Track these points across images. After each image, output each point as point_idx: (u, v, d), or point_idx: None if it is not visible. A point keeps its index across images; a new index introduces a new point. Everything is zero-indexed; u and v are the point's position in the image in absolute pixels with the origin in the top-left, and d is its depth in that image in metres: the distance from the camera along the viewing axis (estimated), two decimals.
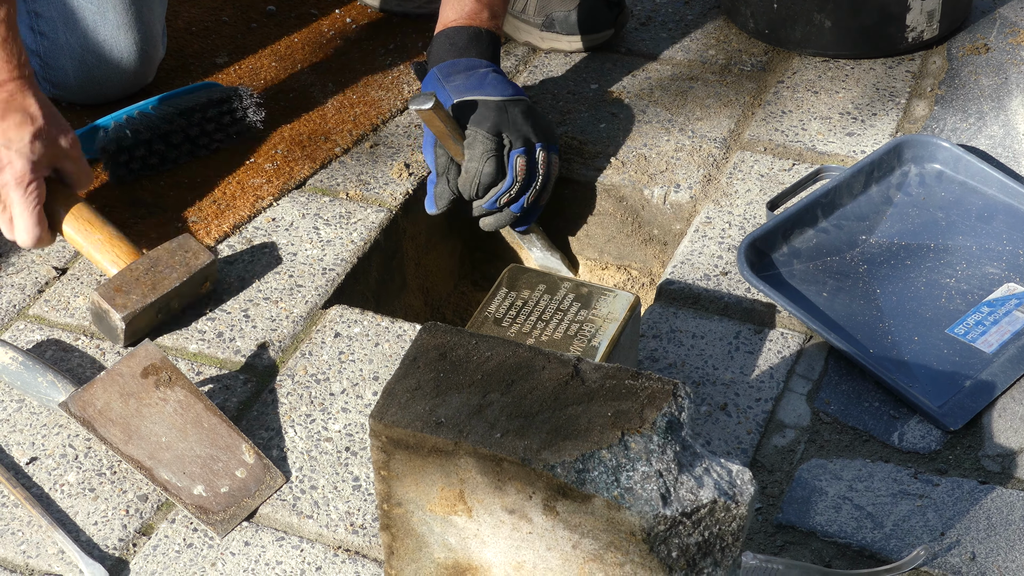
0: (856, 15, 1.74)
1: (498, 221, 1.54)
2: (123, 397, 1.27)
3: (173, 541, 1.19)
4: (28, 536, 1.20)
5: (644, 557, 0.93)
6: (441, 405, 0.97)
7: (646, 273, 1.68)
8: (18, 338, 1.40)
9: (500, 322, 1.23)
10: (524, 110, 1.50)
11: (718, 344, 1.36)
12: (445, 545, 1.02)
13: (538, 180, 1.51)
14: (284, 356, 1.37)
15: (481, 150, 1.47)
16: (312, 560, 1.16)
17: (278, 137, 1.67)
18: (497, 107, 1.48)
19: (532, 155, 1.50)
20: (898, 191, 1.52)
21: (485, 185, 1.49)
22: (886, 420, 1.27)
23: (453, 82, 1.51)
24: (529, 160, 1.50)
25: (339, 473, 1.24)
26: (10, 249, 1.52)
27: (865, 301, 1.39)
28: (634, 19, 1.90)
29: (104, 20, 1.66)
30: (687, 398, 0.97)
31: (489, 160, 1.47)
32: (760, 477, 1.22)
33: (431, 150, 1.51)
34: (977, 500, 1.18)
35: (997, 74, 1.73)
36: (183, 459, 1.24)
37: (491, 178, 1.48)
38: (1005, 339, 1.34)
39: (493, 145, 1.47)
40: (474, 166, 1.47)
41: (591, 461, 0.93)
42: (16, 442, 1.29)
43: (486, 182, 1.48)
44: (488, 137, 1.47)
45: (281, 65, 1.81)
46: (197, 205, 1.56)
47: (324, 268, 1.48)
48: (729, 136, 1.65)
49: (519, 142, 1.48)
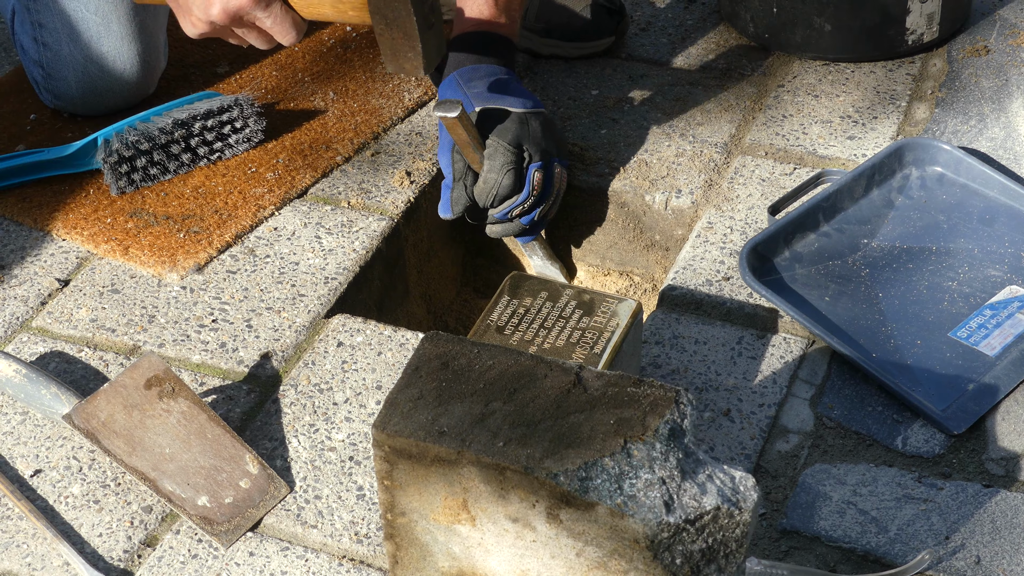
0: (856, 18, 1.74)
1: (505, 230, 1.54)
2: (127, 409, 1.27)
3: (178, 552, 1.19)
4: (33, 548, 1.20)
5: (648, 564, 0.93)
6: (444, 414, 0.97)
7: (648, 279, 1.68)
8: (21, 350, 1.40)
9: (503, 330, 1.23)
10: (543, 123, 1.50)
11: (721, 350, 1.36)
12: (449, 554, 1.02)
13: (552, 194, 1.52)
14: (287, 366, 1.37)
15: (501, 161, 1.47)
16: (316, 570, 1.17)
17: (279, 146, 1.67)
18: (519, 119, 1.48)
19: (549, 169, 1.50)
20: (899, 194, 1.52)
21: (502, 196, 1.49)
22: (889, 424, 1.27)
23: (474, 88, 1.51)
24: (546, 174, 1.50)
25: (343, 483, 1.24)
26: (12, 261, 1.52)
27: (867, 305, 1.39)
28: (634, 24, 1.90)
29: (108, 31, 1.66)
30: (689, 405, 0.97)
31: (508, 172, 1.47)
32: (764, 483, 1.22)
33: (448, 155, 1.51)
34: (981, 504, 1.18)
35: (997, 76, 1.73)
36: (187, 470, 1.24)
37: (509, 190, 1.48)
38: (1008, 342, 1.33)
39: (513, 157, 1.47)
40: (493, 177, 1.47)
41: (594, 469, 0.93)
42: (20, 454, 1.29)
43: (503, 193, 1.48)
44: (509, 149, 1.47)
45: (282, 74, 1.82)
46: (199, 215, 1.56)
47: (326, 277, 1.48)
48: (730, 141, 1.65)
49: (538, 156, 1.49)
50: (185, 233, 1.54)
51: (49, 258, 1.53)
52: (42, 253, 1.54)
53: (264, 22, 1.33)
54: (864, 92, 1.72)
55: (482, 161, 1.48)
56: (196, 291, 1.47)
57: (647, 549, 0.92)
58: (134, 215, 1.57)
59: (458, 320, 1.73)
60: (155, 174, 1.61)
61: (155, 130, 1.60)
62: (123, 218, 1.57)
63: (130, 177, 1.59)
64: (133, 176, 1.59)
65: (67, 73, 1.68)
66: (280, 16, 1.32)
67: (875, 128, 1.65)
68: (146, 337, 1.42)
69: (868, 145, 1.63)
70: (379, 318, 1.51)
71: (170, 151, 1.61)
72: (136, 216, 1.57)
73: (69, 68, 1.68)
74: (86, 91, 1.69)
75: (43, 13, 1.66)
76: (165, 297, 1.46)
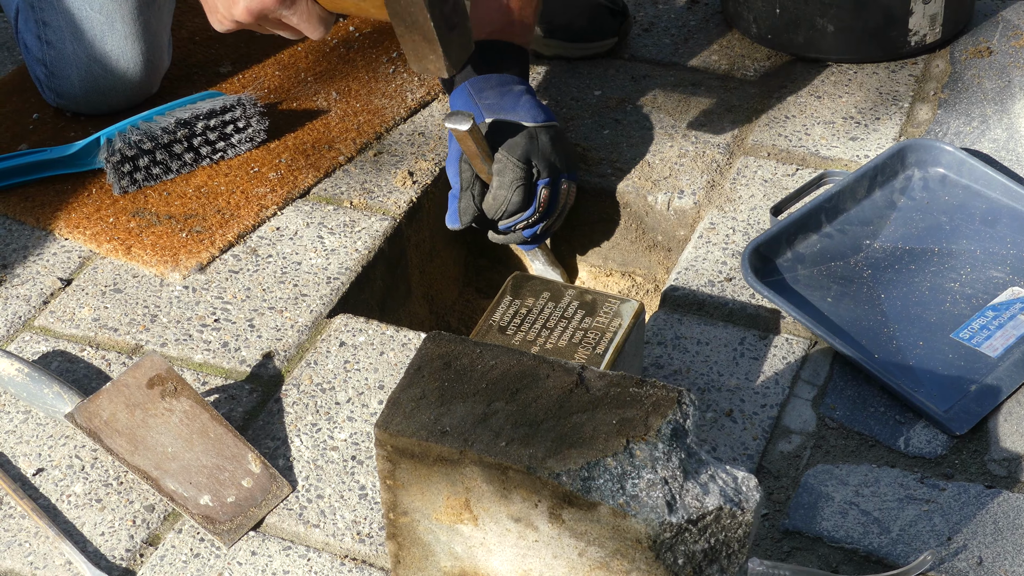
0: (859, 19, 1.74)
1: (507, 240, 1.54)
2: (129, 408, 1.27)
3: (180, 551, 1.19)
4: (35, 547, 1.20)
5: (650, 564, 0.93)
6: (446, 414, 0.97)
7: (650, 280, 1.68)
8: (24, 349, 1.41)
9: (505, 330, 1.23)
10: (553, 137, 1.50)
11: (723, 350, 1.36)
12: (451, 554, 1.02)
13: (557, 210, 1.52)
14: (289, 365, 1.37)
15: (511, 178, 1.47)
16: (319, 569, 1.17)
17: (282, 146, 1.67)
18: (529, 134, 1.47)
19: (556, 186, 1.50)
20: (902, 195, 1.52)
21: (510, 212, 1.49)
22: (892, 425, 1.27)
23: (486, 99, 1.50)
24: (552, 191, 1.50)
25: (345, 482, 1.24)
26: (15, 261, 1.52)
27: (870, 306, 1.39)
28: (637, 25, 1.90)
29: (112, 31, 1.66)
30: (692, 405, 0.97)
31: (518, 189, 1.47)
32: (766, 483, 1.22)
33: (456, 165, 1.50)
34: (984, 504, 1.18)
35: (1000, 77, 1.73)
36: (189, 469, 1.24)
37: (518, 207, 1.48)
38: (1010, 343, 1.33)
39: (523, 174, 1.47)
40: (503, 194, 1.47)
41: (596, 469, 0.93)
42: (23, 453, 1.29)
43: (512, 210, 1.48)
44: (519, 165, 1.46)
45: (284, 74, 1.82)
46: (201, 215, 1.56)
47: (329, 277, 1.48)
48: (732, 141, 1.65)
49: (546, 172, 1.48)
50: (187, 233, 1.54)
51: (51, 257, 1.53)
52: (44, 252, 1.54)
53: (291, 19, 1.31)
54: (866, 93, 1.72)
55: (491, 173, 1.48)
56: (198, 290, 1.47)
57: (649, 549, 0.92)
58: (137, 214, 1.57)
59: (460, 320, 1.73)
60: (158, 173, 1.61)
61: (158, 129, 1.60)
62: (125, 217, 1.57)
63: (133, 176, 1.59)
64: (136, 175, 1.59)
65: (70, 72, 1.68)
66: (306, 12, 1.30)
67: (877, 129, 1.65)
68: (148, 336, 1.42)
69: (870, 146, 1.63)
70: (381, 318, 1.51)
71: (173, 150, 1.61)
72: (138, 215, 1.57)
73: (72, 67, 1.68)
74: (89, 90, 1.69)
75: (48, 11, 1.66)
76: (167, 296, 1.46)
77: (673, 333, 1.39)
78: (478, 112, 1.49)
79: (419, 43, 1.19)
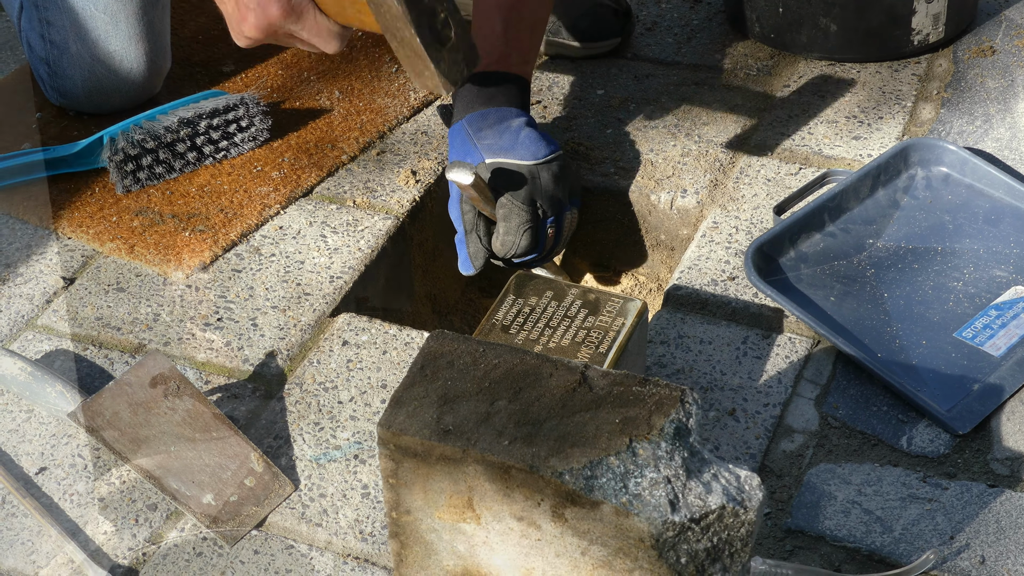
0: (862, 18, 1.74)
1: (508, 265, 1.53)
2: (132, 407, 1.27)
3: (182, 550, 1.19)
4: (38, 546, 1.20)
5: (653, 563, 0.93)
6: (449, 413, 0.97)
7: (653, 279, 1.68)
8: (26, 348, 1.41)
9: (508, 329, 1.23)
10: (555, 173, 1.48)
11: (726, 349, 1.36)
12: (454, 552, 1.02)
13: (562, 241, 1.52)
14: (292, 364, 1.37)
15: (517, 223, 1.46)
16: (321, 568, 1.17)
17: (285, 145, 1.68)
18: (530, 173, 1.46)
19: (560, 221, 1.50)
20: (905, 194, 1.52)
21: (519, 255, 1.48)
22: (894, 424, 1.27)
23: (484, 140, 1.49)
24: (558, 227, 1.50)
25: (348, 481, 1.24)
26: (18, 259, 1.52)
27: (872, 305, 1.39)
28: (639, 24, 1.90)
29: (116, 31, 1.66)
30: (695, 404, 0.97)
31: (525, 233, 1.46)
32: (769, 482, 1.22)
33: (457, 207, 1.49)
34: (986, 503, 1.18)
35: (1003, 76, 1.73)
36: (192, 468, 1.24)
37: (526, 250, 1.48)
38: (1013, 342, 1.33)
39: (528, 216, 1.46)
40: (511, 239, 1.46)
41: (599, 468, 0.93)
42: (25, 452, 1.29)
43: (520, 253, 1.48)
44: (524, 209, 1.45)
45: (287, 73, 1.82)
46: (204, 214, 1.56)
47: (332, 276, 1.48)
48: (735, 141, 1.65)
49: (551, 211, 1.48)
50: (190, 232, 1.54)
51: (55, 256, 1.53)
52: (47, 251, 1.54)
53: (301, 33, 1.30)
54: (870, 92, 1.72)
55: (495, 212, 1.47)
56: (201, 289, 1.47)
57: (652, 548, 0.92)
58: (140, 213, 1.57)
59: (463, 320, 1.73)
60: (161, 173, 1.61)
61: (161, 129, 1.60)
62: (128, 216, 1.57)
63: (136, 176, 1.59)
64: (139, 175, 1.60)
65: (73, 71, 1.68)
66: (315, 26, 1.29)
67: (880, 128, 1.65)
68: (151, 335, 1.42)
69: (873, 145, 1.62)
70: (384, 317, 1.51)
71: (176, 150, 1.61)
72: (142, 215, 1.57)
73: (76, 66, 1.68)
74: (92, 90, 1.69)
75: (51, 11, 1.66)
76: (170, 295, 1.47)
77: (676, 332, 1.39)
78: (477, 154, 1.48)
79: (413, 59, 1.18)
